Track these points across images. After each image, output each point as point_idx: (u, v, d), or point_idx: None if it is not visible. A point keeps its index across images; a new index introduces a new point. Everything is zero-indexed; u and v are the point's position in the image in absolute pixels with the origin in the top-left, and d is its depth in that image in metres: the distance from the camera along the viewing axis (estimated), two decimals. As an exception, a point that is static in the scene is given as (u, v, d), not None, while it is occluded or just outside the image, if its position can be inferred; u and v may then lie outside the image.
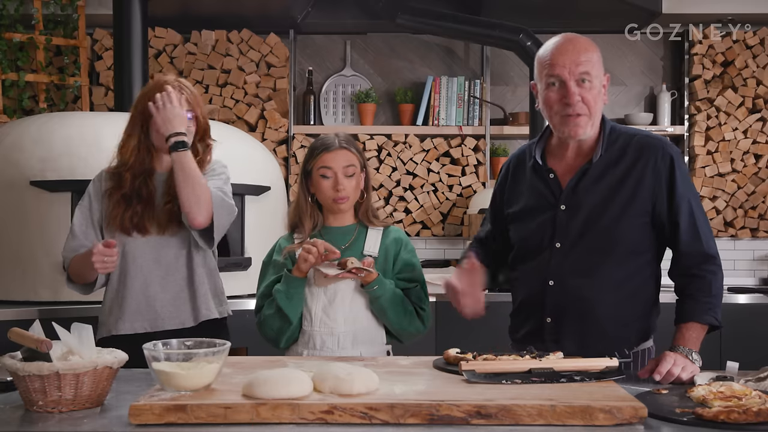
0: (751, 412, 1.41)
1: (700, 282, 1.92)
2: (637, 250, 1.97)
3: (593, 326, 1.97)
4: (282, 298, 2.14)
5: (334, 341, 2.15)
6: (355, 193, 2.21)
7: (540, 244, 2.01)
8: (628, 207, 1.94)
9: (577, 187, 1.98)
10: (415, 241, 4.68)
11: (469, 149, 4.62)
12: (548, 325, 2.00)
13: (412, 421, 1.43)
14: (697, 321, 1.89)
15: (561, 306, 1.98)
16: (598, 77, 1.95)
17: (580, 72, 1.92)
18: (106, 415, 1.51)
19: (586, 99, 1.93)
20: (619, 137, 2.00)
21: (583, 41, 1.97)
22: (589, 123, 1.95)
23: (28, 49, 4.19)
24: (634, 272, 1.98)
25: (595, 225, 1.96)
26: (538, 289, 2.01)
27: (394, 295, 2.14)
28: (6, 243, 3.26)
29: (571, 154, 2.02)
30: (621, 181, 1.95)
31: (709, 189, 4.57)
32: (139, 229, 2.31)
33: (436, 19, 4.30)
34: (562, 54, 1.93)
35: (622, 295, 1.97)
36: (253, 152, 3.67)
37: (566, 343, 1.95)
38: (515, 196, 2.10)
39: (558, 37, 1.99)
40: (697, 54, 4.57)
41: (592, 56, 1.94)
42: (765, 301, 3.88)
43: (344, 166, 2.17)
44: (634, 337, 2.02)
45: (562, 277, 1.98)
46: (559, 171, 2.02)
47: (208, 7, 4.38)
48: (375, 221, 2.26)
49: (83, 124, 3.35)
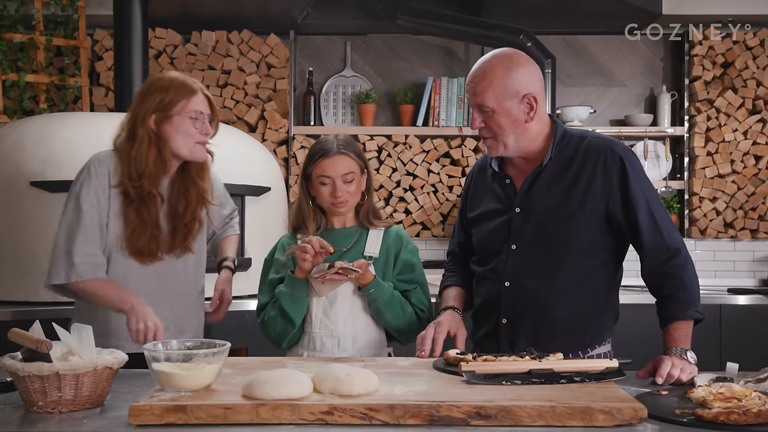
0: (751, 414, 1.41)
1: (671, 279, 1.94)
2: (591, 252, 2.00)
3: (547, 327, 2.00)
4: (286, 300, 2.13)
5: (334, 343, 2.15)
6: (354, 197, 2.20)
7: (496, 247, 2.06)
8: (580, 209, 1.97)
9: (531, 190, 2.02)
10: (416, 241, 4.65)
11: (469, 150, 4.62)
12: (503, 326, 2.04)
13: (412, 422, 1.43)
14: (680, 319, 1.91)
15: (516, 307, 2.02)
16: (501, 104, 1.94)
17: (477, 102, 1.96)
18: (106, 415, 1.51)
19: (488, 125, 1.97)
20: (570, 141, 2.03)
21: (480, 69, 1.97)
22: (500, 144, 1.98)
23: (29, 49, 4.19)
24: (588, 274, 2.01)
25: (548, 227, 1.99)
26: (495, 291, 2.05)
27: (391, 298, 2.14)
28: (6, 243, 3.26)
29: (521, 161, 2.06)
30: (572, 183, 1.98)
31: (709, 190, 4.57)
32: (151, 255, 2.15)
33: (436, 20, 4.31)
34: (468, 82, 1.99)
35: (575, 297, 2.00)
36: (253, 153, 3.67)
37: (520, 344, 1.98)
38: (477, 202, 2.16)
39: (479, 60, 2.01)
40: (697, 55, 4.57)
41: (487, 87, 1.94)
42: (765, 302, 3.88)
43: (342, 174, 2.15)
44: (589, 339, 2.04)
45: (518, 278, 2.02)
46: (515, 176, 2.07)
47: (209, 8, 4.38)
48: (376, 222, 2.25)
49: (83, 124, 3.35)
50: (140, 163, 2.12)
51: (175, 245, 2.18)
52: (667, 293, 1.95)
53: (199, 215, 2.22)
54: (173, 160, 2.17)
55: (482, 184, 2.16)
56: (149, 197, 2.13)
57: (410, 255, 2.25)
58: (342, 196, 2.16)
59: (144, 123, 2.13)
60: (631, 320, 2.30)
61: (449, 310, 2.12)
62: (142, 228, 2.12)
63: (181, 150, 2.14)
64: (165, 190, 2.20)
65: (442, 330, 2.02)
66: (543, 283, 1.99)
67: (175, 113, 2.12)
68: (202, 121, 2.15)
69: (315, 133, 4.56)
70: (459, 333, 2.05)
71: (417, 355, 1.98)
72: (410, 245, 2.27)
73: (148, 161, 2.12)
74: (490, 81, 1.94)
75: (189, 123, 2.13)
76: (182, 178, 2.21)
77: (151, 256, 2.15)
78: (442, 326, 2.03)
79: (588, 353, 2.03)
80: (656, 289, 1.99)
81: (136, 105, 2.16)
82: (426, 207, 4.64)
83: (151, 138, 2.12)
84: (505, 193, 2.07)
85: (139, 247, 2.13)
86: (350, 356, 2.13)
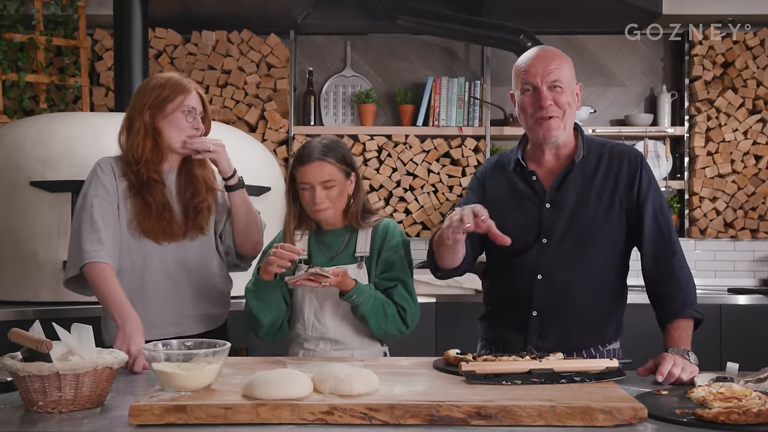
0: (751, 413, 1.41)
1: (670, 280, 2.02)
2: (614, 249, 2.10)
3: (575, 321, 2.07)
4: (251, 298, 2.15)
5: (327, 344, 2.18)
6: (338, 202, 2.19)
7: (527, 241, 2.09)
8: (608, 207, 2.07)
9: (561, 187, 2.10)
10: (416, 241, 4.68)
11: (469, 150, 4.62)
12: (533, 318, 2.08)
13: (412, 422, 1.43)
14: (679, 317, 1.97)
15: (549, 300, 2.08)
16: (569, 85, 2.08)
17: (552, 79, 2.05)
18: (106, 415, 1.51)
19: (558, 102, 2.06)
20: (593, 144, 2.15)
21: (554, 52, 2.11)
22: (561, 125, 2.07)
23: (29, 49, 4.19)
24: (612, 269, 2.11)
25: (578, 223, 2.07)
26: (526, 284, 2.09)
27: (374, 303, 2.11)
28: (6, 243, 3.26)
29: (551, 158, 2.14)
30: (600, 182, 2.09)
31: (709, 190, 4.57)
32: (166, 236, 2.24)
33: (436, 19, 4.31)
34: (535, 63, 2.07)
35: (601, 290, 2.10)
36: (253, 153, 3.67)
37: (550, 337, 2.06)
38: (498, 196, 2.17)
39: (533, 49, 2.14)
40: (698, 55, 4.57)
41: (562, 65, 2.08)
42: (765, 302, 3.88)
43: (321, 181, 2.15)
44: (609, 333, 2.13)
45: (551, 271, 2.07)
46: (540, 173, 2.14)
47: (209, 8, 4.38)
48: (364, 223, 2.23)
49: (83, 124, 3.35)
50: (137, 151, 2.24)
51: (188, 228, 2.28)
52: (663, 292, 2.03)
53: (207, 199, 2.32)
54: (169, 151, 2.27)
55: (501, 179, 2.19)
56: (150, 182, 2.24)
57: (390, 252, 2.20)
58: (321, 204, 2.15)
59: (141, 116, 2.25)
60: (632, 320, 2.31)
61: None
62: (147, 210, 2.22)
63: (174, 142, 2.25)
64: (171, 181, 2.30)
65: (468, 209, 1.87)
66: (573, 276, 2.06)
67: (170, 108, 2.23)
68: (194, 116, 2.26)
69: (315, 133, 4.55)
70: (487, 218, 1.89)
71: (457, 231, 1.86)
72: (393, 241, 2.21)
73: (144, 149, 2.24)
74: (563, 61, 2.09)
75: (181, 117, 2.24)
76: (187, 170, 2.32)
77: (165, 235, 2.24)
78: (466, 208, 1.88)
79: (606, 347, 2.11)
80: (653, 288, 2.06)
81: (135, 100, 2.29)
82: (426, 207, 4.64)
83: (147, 129, 2.24)
84: (532, 189, 2.12)
85: (149, 227, 2.23)
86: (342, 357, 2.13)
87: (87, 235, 2.15)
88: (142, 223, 2.22)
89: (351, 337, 2.18)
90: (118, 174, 2.25)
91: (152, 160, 2.24)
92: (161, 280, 2.25)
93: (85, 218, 2.18)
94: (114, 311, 2.06)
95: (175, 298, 2.26)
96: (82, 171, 3.11)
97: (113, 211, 2.21)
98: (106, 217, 2.19)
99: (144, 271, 2.24)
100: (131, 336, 1.99)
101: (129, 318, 2.03)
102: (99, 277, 2.11)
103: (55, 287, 3.17)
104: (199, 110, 2.27)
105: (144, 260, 2.24)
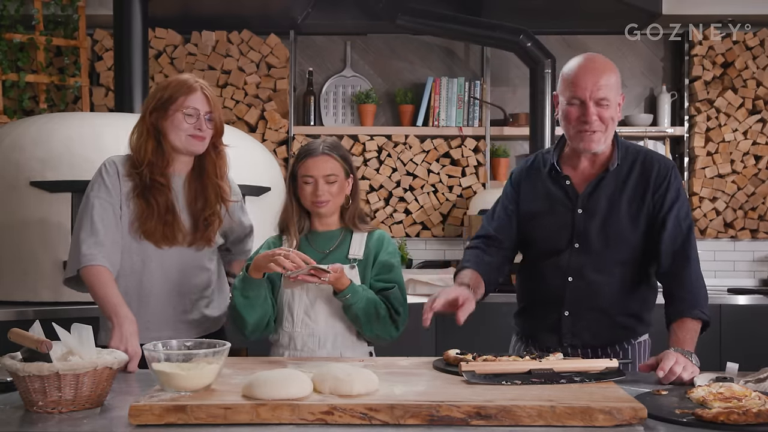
0: (751, 414, 1.41)
1: (679, 281, 2.06)
2: (643, 253, 2.14)
3: (606, 318, 2.13)
4: (237, 296, 2.14)
5: (315, 342, 2.16)
6: (337, 198, 2.22)
7: (560, 245, 2.15)
8: (636, 214, 2.11)
9: (593, 193, 2.14)
10: (416, 241, 4.69)
11: (469, 150, 4.62)
12: (566, 318, 2.14)
13: (411, 422, 1.43)
14: (686, 316, 2.00)
15: (579, 300, 2.13)
16: (615, 99, 2.10)
17: (600, 96, 2.06)
18: (106, 415, 1.51)
19: (602, 117, 2.08)
20: (628, 152, 2.18)
21: (604, 64, 2.11)
22: (602, 138, 2.10)
23: (29, 49, 4.19)
24: (640, 270, 2.15)
25: (610, 228, 2.12)
26: (558, 285, 2.15)
27: (367, 304, 2.12)
28: (6, 243, 3.26)
29: (586, 164, 2.18)
30: (632, 190, 2.13)
31: (709, 190, 4.57)
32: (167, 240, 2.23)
33: (436, 20, 4.31)
34: (585, 76, 2.07)
35: (630, 290, 2.14)
36: (253, 153, 3.67)
37: (582, 335, 2.13)
38: (532, 198, 2.23)
39: (582, 57, 2.13)
40: (697, 55, 4.57)
41: (611, 79, 2.08)
42: (765, 302, 3.88)
43: (325, 174, 2.18)
44: (640, 328, 2.18)
45: (581, 273, 2.13)
46: (575, 178, 2.18)
47: (209, 8, 4.38)
48: (361, 226, 2.26)
49: (83, 124, 3.35)
50: (140, 153, 2.24)
51: (195, 238, 2.27)
52: (672, 292, 2.06)
53: (218, 212, 2.30)
54: (174, 153, 2.26)
55: (535, 182, 2.24)
56: (153, 184, 2.22)
57: (389, 256, 2.24)
58: (323, 196, 2.18)
59: (144, 117, 2.25)
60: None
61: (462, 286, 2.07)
62: (149, 212, 2.21)
63: (175, 142, 2.24)
64: (179, 185, 2.28)
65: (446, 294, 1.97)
66: (603, 278, 2.11)
67: (171, 109, 2.22)
68: (196, 117, 2.23)
69: (315, 133, 4.56)
70: (467, 303, 1.98)
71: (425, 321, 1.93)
72: (390, 247, 2.26)
73: (147, 151, 2.23)
74: (611, 74, 2.09)
75: (182, 118, 2.22)
76: (199, 177, 2.30)
77: (165, 239, 2.23)
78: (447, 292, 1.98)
79: (637, 339, 2.18)
80: (666, 289, 2.09)
81: (145, 102, 2.31)
82: (426, 207, 4.64)
83: (149, 131, 2.24)
84: (565, 193, 2.17)
85: (150, 229, 2.21)
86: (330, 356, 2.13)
87: (86, 237, 2.15)
88: (144, 225, 2.21)
89: (339, 336, 2.18)
90: (123, 174, 2.24)
91: (157, 163, 2.23)
92: (159, 283, 2.24)
93: (86, 219, 2.18)
94: (110, 312, 2.05)
95: (172, 301, 2.26)
96: (81, 171, 3.12)
97: (115, 212, 2.21)
98: (107, 218, 2.18)
99: (142, 274, 2.23)
100: (128, 337, 1.99)
101: (125, 319, 2.03)
102: (96, 280, 2.11)
103: (55, 287, 3.17)
104: (204, 111, 2.23)
105: (143, 262, 2.23)
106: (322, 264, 2.07)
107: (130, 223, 2.22)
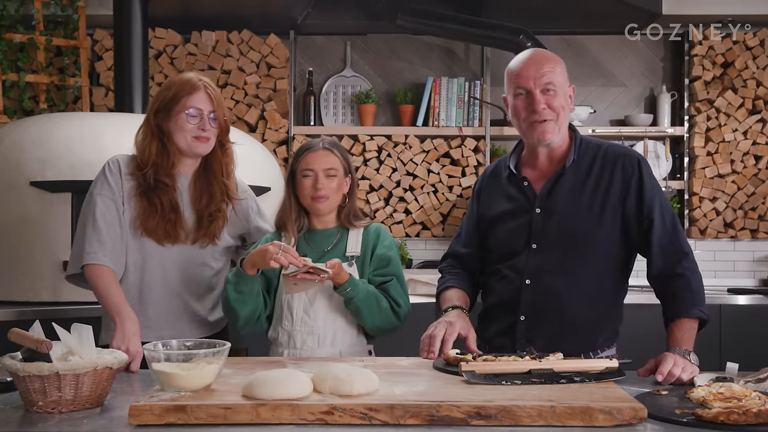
0: (751, 414, 1.41)
1: (679, 280, 2.00)
2: (607, 255, 2.07)
3: (564, 326, 2.05)
4: (230, 289, 2.13)
5: (314, 340, 2.17)
6: (335, 194, 2.23)
7: (516, 246, 2.10)
8: (600, 212, 2.05)
9: (552, 192, 2.09)
10: (415, 241, 4.69)
11: (469, 150, 4.62)
12: (521, 323, 2.08)
13: (411, 422, 1.43)
14: (684, 316, 1.95)
15: (536, 304, 2.07)
16: (563, 87, 2.07)
17: (545, 82, 2.04)
18: (106, 415, 1.51)
19: (551, 105, 2.04)
20: (588, 148, 2.12)
21: (546, 54, 2.10)
22: (555, 127, 2.06)
23: (29, 49, 4.19)
24: (604, 276, 2.08)
25: (569, 228, 2.05)
26: (514, 288, 2.09)
27: (367, 296, 2.14)
28: (6, 243, 3.26)
29: (543, 161, 2.13)
30: (593, 187, 2.06)
31: (709, 190, 4.57)
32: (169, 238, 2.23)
33: (436, 20, 4.31)
34: (528, 66, 2.06)
35: (592, 297, 2.06)
36: (253, 153, 3.67)
37: (538, 341, 2.02)
38: (491, 204, 2.20)
39: (525, 52, 2.13)
40: (697, 55, 4.57)
41: (554, 67, 2.06)
42: (765, 302, 3.88)
43: (325, 168, 2.20)
44: (601, 340, 2.09)
45: (539, 276, 2.06)
46: (533, 178, 2.14)
47: (209, 8, 4.38)
48: (356, 223, 2.27)
49: (83, 124, 3.35)
50: (144, 154, 2.24)
51: (199, 235, 2.26)
52: (672, 292, 2.00)
53: (223, 209, 2.30)
54: (178, 153, 2.25)
55: (495, 188, 2.21)
56: (157, 184, 2.22)
57: (386, 249, 2.25)
58: (322, 189, 2.19)
59: (149, 119, 2.25)
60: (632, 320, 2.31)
61: (457, 310, 2.10)
62: (152, 209, 2.21)
63: (180, 143, 2.23)
64: (184, 186, 2.28)
65: (453, 331, 1.99)
66: (563, 282, 2.04)
67: (174, 110, 2.21)
68: (200, 118, 2.22)
69: (315, 133, 4.55)
70: (470, 335, 2.04)
71: (424, 356, 1.96)
72: (387, 240, 2.27)
73: (151, 152, 2.23)
74: (555, 63, 2.07)
75: (185, 119, 2.21)
76: (206, 175, 2.30)
77: (167, 236, 2.22)
78: (454, 327, 2.00)
79: (598, 355, 2.07)
80: (663, 290, 2.03)
81: (149, 103, 2.31)
82: (426, 207, 4.64)
83: (153, 132, 2.24)
84: (523, 194, 2.13)
85: (152, 226, 2.21)
86: (330, 354, 2.14)
87: (89, 235, 2.16)
88: (145, 222, 2.21)
89: (339, 332, 2.18)
90: (126, 173, 2.24)
91: (161, 164, 2.22)
92: (160, 281, 2.24)
93: (89, 218, 2.19)
94: (112, 311, 2.06)
95: (173, 300, 2.26)
96: (81, 171, 3.12)
97: (117, 209, 2.21)
98: (109, 216, 2.19)
99: (143, 272, 2.24)
100: (130, 337, 1.99)
101: (127, 318, 2.04)
102: (98, 278, 2.12)
103: (55, 287, 3.17)
104: (208, 110, 2.22)
105: (144, 260, 2.23)
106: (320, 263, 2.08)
107: (131, 221, 2.22)
